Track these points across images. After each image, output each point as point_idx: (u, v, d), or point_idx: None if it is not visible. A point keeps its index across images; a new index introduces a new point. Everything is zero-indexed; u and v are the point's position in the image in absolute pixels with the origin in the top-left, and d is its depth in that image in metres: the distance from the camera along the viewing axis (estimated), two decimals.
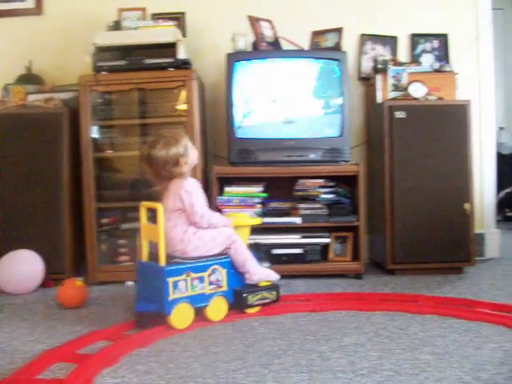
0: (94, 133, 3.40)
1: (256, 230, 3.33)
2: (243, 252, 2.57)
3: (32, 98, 3.50)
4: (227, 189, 3.37)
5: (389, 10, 3.93)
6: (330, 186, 3.41)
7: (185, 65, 3.37)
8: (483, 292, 2.95)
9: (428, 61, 3.85)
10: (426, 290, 3.00)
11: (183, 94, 3.36)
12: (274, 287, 2.64)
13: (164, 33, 3.42)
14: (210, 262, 2.50)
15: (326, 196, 3.38)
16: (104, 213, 3.43)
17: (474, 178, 3.47)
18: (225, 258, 2.55)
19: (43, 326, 2.47)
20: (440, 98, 3.45)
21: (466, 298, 2.77)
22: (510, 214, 6.19)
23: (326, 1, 3.88)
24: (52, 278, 3.23)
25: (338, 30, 3.59)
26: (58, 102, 3.47)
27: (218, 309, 2.50)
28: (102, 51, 3.34)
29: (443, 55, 3.93)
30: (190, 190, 2.48)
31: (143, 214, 2.55)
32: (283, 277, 3.24)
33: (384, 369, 1.85)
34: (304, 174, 3.36)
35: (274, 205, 3.42)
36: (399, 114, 3.32)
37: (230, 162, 3.38)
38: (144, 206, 2.55)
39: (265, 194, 3.38)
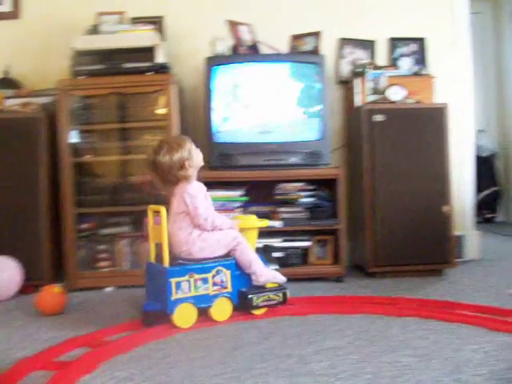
0: (73, 137, 3.37)
1: None
2: (248, 254, 2.60)
3: (10, 102, 3.46)
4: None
5: (367, 15, 3.96)
6: (311, 190, 3.42)
7: (163, 69, 3.36)
8: (463, 294, 2.97)
9: (406, 64, 3.87)
10: (407, 292, 3.01)
11: (162, 98, 3.34)
12: (280, 289, 2.65)
13: (143, 37, 3.41)
14: (214, 264, 2.54)
15: (307, 199, 3.39)
16: (84, 218, 3.40)
17: (453, 181, 3.50)
18: (230, 260, 2.59)
19: (21, 333, 2.44)
20: (418, 102, 3.48)
21: (447, 300, 2.79)
22: (489, 216, 6.25)
23: (304, 5, 3.90)
24: (31, 284, 3.20)
25: (317, 34, 3.60)
26: (35, 106, 3.43)
27: (222, 309, 2.54)
28: (81, 55, 3.32)
29: (421, 59, 3.96)
30: (193, 194, 2.54)
31: (150, 217, 2.62)
32: None
33: (364, 372, 1.85)
34: (284, 177, 3.36)
35: (254, 209, 3.41)
36: (378, 118, 3.34)
37: (210, 166, 3.37)
38: (151, 209, 2.63)
39: (245, 198, 3.37)
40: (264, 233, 3.33)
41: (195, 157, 2.60)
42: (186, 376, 1.86)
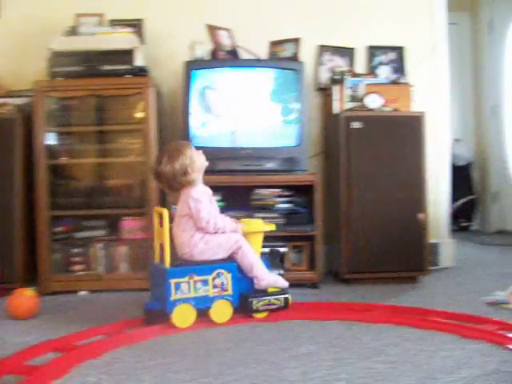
0: (49, 139, 3.33)
1: None
2: (250, 257, 2.62)
3: None
4: None
5: (347, 22, 3.98)
6: (287, 196, 3.42)
7: (142, 72, 3.35)
8: (437, 301, 3.00)
9: (384, 73, 3.90)
10: (381, 299, 3.02)
11: (140, 101, 3.33)
12: (282, 293, 2.65)
13: (121, 39, 3.40)
14: (215, 266, 2.57)
15: (283, 205, 3.39)
16: (58, 221, 3.36)
17: (429, 189, 3.53)
18: (231, 263, 2.61)
19: None
20: (396, 110, 3.50)
21: (420, 307, 2.80)
22: (464, 225, 6.32)
23: (284, 11, 3.91)
24: (3, 287, 3.15)
25: (296, 41, 3.61)
26: (11, 107, 3.39)
27: (221, 311, 2.57)
28: (58, 56, 3.29)
29: (399, 67, 4.00)
30: (196, 197, 2.59)
31: (156, 219, 2.68)
32: None
33: (337, 378, 1.85)
34: (261, 183, 3.35)
35: (230, 214, 3.39)
36: (355, 125, 3.36)
37: None
38: (156, 211, 2.70)
39: (221, 204, 3.35)
40: None
41: (197, 161, 2.65)
42: (157, 381, 1.85)
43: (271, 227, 2.83)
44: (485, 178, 6.36)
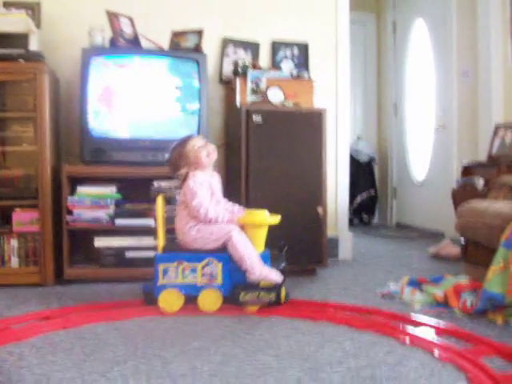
0: None
1: (109, 232, 3.24)
2: (240, 249, 2.59)
3: None
4: (79, 189, 3.23)
5: (251, 16, 3.98)
6: None
7: (36, 57, 3.19)
8: (333, 293, 3.05)
9: (288, 68, 3.93)
10: None
11: (33, 87, 3.17)
12: (274, 289, 2.61)
13: (15, 22, 3.24)
14: (205, 255, 2.61)
15: None
16: None
17: (330, 183, 3.59)
18: (223, 253, 2.62)
19: None
20: (297, 105, 3.53)
21: (315, 300, 2.85)
22: (366, 219, 6.50)
23: (188, 2, 3.86)
24: None
25: (199, 32, 3.56)
26: None
27: (209, 300, 2.60)
28: None
29: (303, 63, 4.04)
30: (191, 187, 2.67)
31: (159, 206, 2.76)
32: (135, 280, 3.17)
33: (225, 372, 1.84)
34: (159, 174, 3.28)
35: (128, 206, 3.32)
36: (256, 119, 3.35)
37: (83, 160, 3.26)
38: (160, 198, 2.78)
39: (118, 195, 3.27)
40: (137, 231, 3.27)
41: (190, 155, 2.73)
42: (39, 380, 1.78)
43: (275, 220, 2.77)
44: (385, 174, 6.58)
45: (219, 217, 2.66)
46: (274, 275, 2.63)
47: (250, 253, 2.62)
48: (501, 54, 4.64)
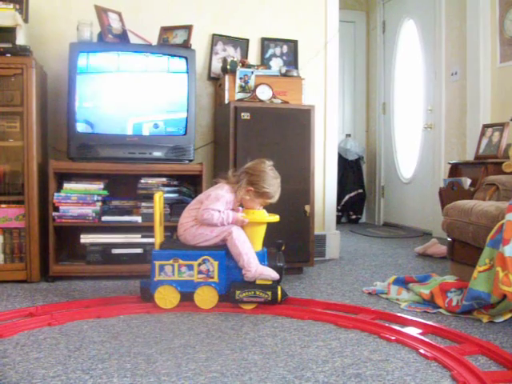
0: None
1: (96, 229, 3.23)
2: (237, 247, 2.61)
3: None
4: (66, 185, 3.20)
5: (241, 13, 3.97)
6: (174, 185, 3.37)
7: (23, 51, 3.16)
8: (319, 291, 3.04)
9: (277, 65, 3.93)
10: None
11: (20, 82, 3.14)
12: (270, 287, 2.61)
13: (2, 16, 3.19)
14: (201, 252, 2.63)
15: (170, 195, 3.32)
16: None
17: (318, 182, 3.58)
18: (219, 251, 2.63)
19: None
20: (285, 102, 3.52)
21: (302, 298, 2.85)
22: (354, 217, 6.51)
23: None
24: None
25: (188, 28, 3.54)
26: None
27: (205, 298, 2.61)
28: None
29: (292, 61, 4.03)
30: (213, 194, 2.71)
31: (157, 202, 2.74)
32: (122, 277, 3.16)
33: (210, 370, 1.83)
34: (147, 171, 3.27)
35: (116, 203, 3.31)
36: (244, 116, 3.34)
37: (70, 156, 3.23)
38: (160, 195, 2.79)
39: (104, 192, 3.25)
40: (124, 228, 3.25)
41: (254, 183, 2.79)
42: (23, 378, 1.75)
43: (275, 218, 2.78)
44: (373, 173, 6.59)
45: (218, 220, 2.65)
46: (269, 272, 2.64)
47: (248, 250, 2.63)
48: (489, 55, 4.65)
